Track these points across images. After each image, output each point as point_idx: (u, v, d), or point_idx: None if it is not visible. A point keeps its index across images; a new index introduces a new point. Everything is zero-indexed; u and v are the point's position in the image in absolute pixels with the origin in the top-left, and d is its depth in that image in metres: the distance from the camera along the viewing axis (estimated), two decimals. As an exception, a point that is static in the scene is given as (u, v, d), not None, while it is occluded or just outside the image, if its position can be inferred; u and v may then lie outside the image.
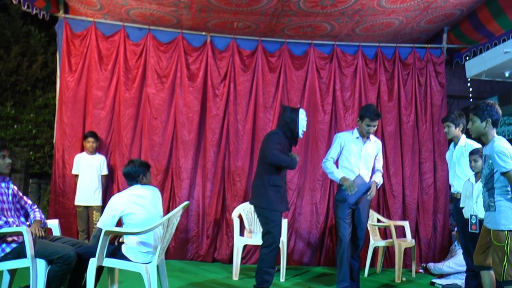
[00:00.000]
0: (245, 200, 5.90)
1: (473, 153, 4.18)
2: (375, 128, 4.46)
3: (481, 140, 3.53)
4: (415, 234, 6.19)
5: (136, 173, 3.74)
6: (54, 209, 5.85)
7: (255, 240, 5.42)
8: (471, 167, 4.22)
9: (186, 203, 3.74)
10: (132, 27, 6.16)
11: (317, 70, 6.38)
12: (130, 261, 3.55)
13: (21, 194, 3.78)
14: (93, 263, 3.42)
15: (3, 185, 3.63)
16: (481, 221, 3.79)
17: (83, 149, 5.85)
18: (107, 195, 5.79)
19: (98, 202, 5.70)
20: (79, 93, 6.00)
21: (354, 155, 4.43)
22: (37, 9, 5.73)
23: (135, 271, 3.52)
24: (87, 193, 5.67)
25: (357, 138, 4.47)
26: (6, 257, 3.46)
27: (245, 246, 5.50)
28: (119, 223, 3.66)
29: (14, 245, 3.49)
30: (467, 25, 6.10)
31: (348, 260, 4.34)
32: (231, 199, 6.04)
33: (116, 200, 3.65)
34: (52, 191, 5.95)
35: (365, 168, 4.45)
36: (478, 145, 4.33)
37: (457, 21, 6.16)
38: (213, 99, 6.19)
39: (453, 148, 4.64)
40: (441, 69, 6.48)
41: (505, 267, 3.21)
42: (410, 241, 5.65)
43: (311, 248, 6.14)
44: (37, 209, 3.78)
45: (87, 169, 5.71)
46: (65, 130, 5.94)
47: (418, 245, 6.13)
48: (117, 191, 5.40)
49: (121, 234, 3.69)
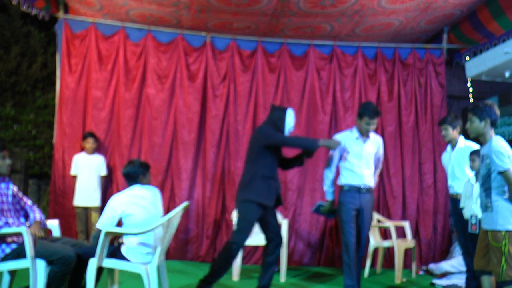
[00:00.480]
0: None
1: (472, 153, 4.20)
2: (375, 127, 4.33)
3: (479, 140, 3.52)
4: (415, 235, 6.19)
5: (136, 173, 3.74)
6: (54, 209, 5.84)
7: (255, 240, 5.42)
8: (471, 167, 4.23)
9: (186, 203, 3.74)
10: (132, 27, 6.16)
11: (317, 70, 6.38)
12: (130, 261, 3.55)
13: (20, 195, 3.78)
14: (93, 264, 3.42)
15: (3, 185, 3.63)
16: (481, 221, 3.78)
17: (82, 149, 5.85)
18: (106, 195, 5.78)
19: (97, 203, 5.69)
20: (79, 94, 6.00)
21: (356, 155, 4.29)
22: (36, 9, 5.72)
23: (135, 271, 3.52)
24: (85, 193, 5.67)
25: (357, 138, 4.32)
26: (6, 258, 3.46)
27: (245, 247, 5.49)
28: (119, 223, 3.66)
29: (14, 245, 3.49)
30: (467, 25, 6.10)
31: (356, 266, 4.18)
32: (231, 199, 6.03)
33: (116, 200, 3.65)
34: (51, 191, 5.94)
35: (367, 168, 4.31)
36: (477, 146, 4.33)
37: (457, 21, 6.16)
38: (213, 99, 6.19)
39: (451, 150, 4.63)
40: (441, 69, 6.48)
41: (504, 267, 3.20)
42: (410, 241, 5.65)
43: (311, 249, 6.14)
44: (37, 210, 3.78)
45: (86, 170, 5.70)
46: (65, 130, 5.94)
47: (418, 245, 6.13)
48: (117, 192, 5.39)
49: (121, 235, 3.68)
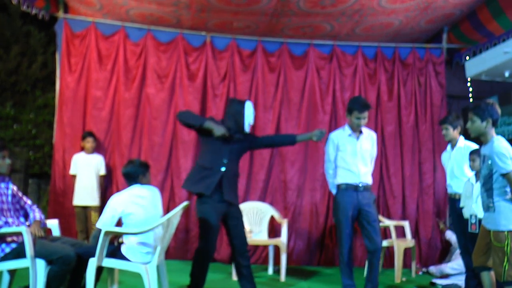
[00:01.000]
0: (244, 200, 5.90)
1: (472, 153, 4.20)
2: (366, 121, 4.17)
3: (480, 139, 3.51)
4: (415, 234, 6.19)
5: (136, 173, 3.73)
6: (54, 209, 5.84)
7: (255, 240, 5.43)
8: (470, 166, 4.24)
9: (186, 203, 3.73)
10: (131, 27, 6.16)
11: (317, 70, 6.38)
12: (129, 261, 3.55)
13: (20, 194, 3.78)
14: (92, 263, 3.42)
15: (2, 185, 3.63)
16: (480, 221, 3.77)
17: (82, 149, 5.84)
18: (106, 195, 5.78)
19: (96, 202, 5.70)
20: (78, 93, 6.00)
21: (350, 153, 4.17)
22: (36, 9, 5.73)
23: (135, 271, 3.52)
24: (85, 193, 5.67)
25: (350, 136, 4.20)
26: (5, 257, 3.46)
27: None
28: (119, 223, 3.66)
29: (13, 245, 3.48)
30: (467, 25, 6.10)
31: (351, 265, 4.15)
32: (230, 199, 6.03)
33: (115, 200, 3.64)
34: (51, 191, 5.95)
35: (363, 165, 4.20)
36: (477, 146, 4.33)
37: (457, 21, 6.16)
38: (213, 99, 6.19)
39: (451, 149, 4.63)
40: (441, 69, 6.48)
41: (506, 267, 3.20)
42: (410, 241, 5.65)
43: (310, 248, 6.14)
44: (36, 209, 3.78)
45: (85, 169, 5.70)
46: (65, 130, 5.95)
47: (418, 245, 6.13)
48: (116, 192, 5.39)
49: (120, 234, 3.68)
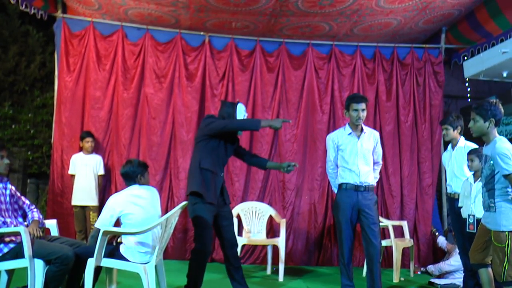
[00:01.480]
0: (243, 200, 5.91)
1: (470, 153, 4.20)
2: (365, 114, 4.06)
3: (481, 139, 3.48)
4: (413, 234, 6.20)
5: (134, 173, 3.73)
6: (52, 209, 5.84)
7: (253, 240, 5.43)
8: (469, 166, 4.23)
9: (184, 203, 3.73)
10: (130, 27, 6.16)
11: (316, 70, 6.38)
12: (128, 261, 3.55)
13: (19, 194, 3.77)
14: (91, 263, 3.41)
15: (0, 185, 3.62)
16: (478, 220, 3.77)
17: (81, 149, 5.84)
18: (104, 195, 5.78)
19: (94, 202, 5.69)
20: (77, 93, 6.00)
21: (351, 153, 4.09)
22: (35, 8, 5.72)
23: (133, 271, 3.52)
24: (83, 193, 5.66)
25: (350, 134, 4.13)
26: (4, 258, 3.45)
27: (243, 246, 5.49)
28: (117, 223, 3.66)
29: (12, 245, 3.48)
30: (465, 25, 6.11)
31: (351, 267, 4.10)
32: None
33: (114, 200, 3.64)
34: (50, 191, 5.94)
35: (364, 165, 4.09)
36: (477, 146, 4.33)
37: (455, 21, 6.17)
38: (212, 99, 6.19)
39: (451, 149, 4.64)
40: (439, 69, 6.49)
41: (506, 267, 3.20)
42: (408, 241, 5.66)
43: (309, 248, 6.14)
44: (35, 209, 3.77)
45: (84, 169, 5.70)
46: (63, 130, 5.94)
47: (417, 245, 6.14)
48: (115, 191, 5.39)
49: (119, 234, 3.68)
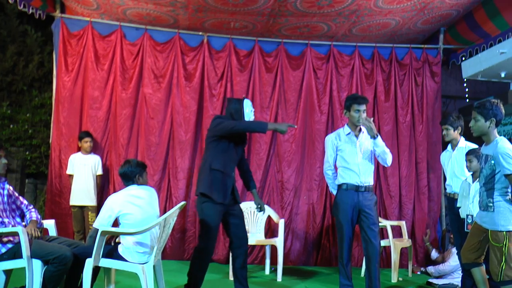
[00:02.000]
0: (242, 200, 5.89)
1: (469, 153, 4.20)
2: (365, 115, 4.04)
3: (480, 139, 3.49)
4: (411, 235, 6.20)
5: (133, 173, 3.73)
6: (50, 209, 5.84)
7: (252, 240, 5.43)
8: (467, 167, 4.23)
9: (182, 203, 3.73)
10: (128, 27, 6.15)
11: (314, 70, 6.38)
12: (126, 261, 3.55)
13: (16, 195, 3.77)
14: (89, 264, 3.41)
15: (-2, 185, 3.62)
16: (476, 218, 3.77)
17: (79, 149, 5.83)
18: (103, 195, 5.78)
19: (93, 202, 5.69)
20: (75, 93, 5.99)
21: (350, 153, 4.06)
22: (33, 8, 5.71)
23: (132, 271, 3.52)
24: (82, 193, 5.65)
25: (348, 135, 4.11)
26: (2, 258, 3.45)
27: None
28: (116, 223, 3.66)
29: (10, 245, 3.48)
30: (463, 25, 6.12)
31: (350, 267, 4.07)
32: (228, 199, 6.02)
33: (112, 200, 3.64)
34: (48, 191, 5.93)
35: (364, 165, 4.06)
36: (477, 147, 4.33)
37: (454, 21, 6.18)
38: (210, 99, 6.19)
39: (451, 149, 4.63)
40: (437, 69, 6.50)
41: (503, 267, 3.21)
42: (406, 241, 5.67)
43: (307, 248, 6.14)
44: (33, 209, 3.77)
45: (82, 169, 5.70)
46: (61, 130, 5.94)
47: (414, 245, 6.14)
48: (113, 191, 5.39)
49: (117, 235, 3.68)
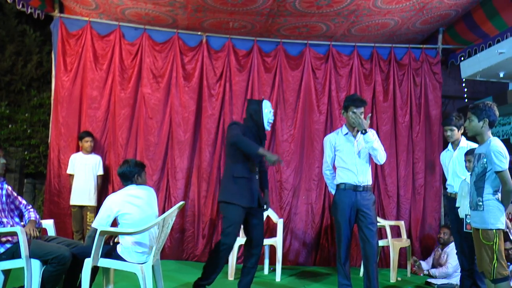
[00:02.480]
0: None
1: (468, 153, 4.19)
2: (363, 116, 4.05)
3: (477, 139, 3.55)
4: (409, 234, 6.21)
5: (131, 173, 3.73)
6: (49, 209, 5.83)
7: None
8: (466, 167, 4.23)
9: (181, 203, 3.73)
10: (127, 26, 6.15)
11: (313, 70, 6.39)
12: (125, 261, 3.55)
13: (15, 194, 3.77)
14: (88, 264, 3.41)
15: (-3, 185, 3.62)
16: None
17: (78, 149, 5.83)
18: (102, 195, 5.77)
19: (93, 202, 5.69)
20: (74, 93, 5.99)
21: (348, 153, 4.08)
22: (32, 8, 5.71)
23: (131, 271, 3.52)
24: (82, 193, 5.65)
25: (346, 135, 4.13)
26: (0, 258, 3.46)
27: (240, 246, 5.48)
28: (114, 223, 3.66)
29: (8, 245, 3.48)
30: (462, 25, 6.13)
31: (348, 266, 4.08)
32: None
33: (111, 200, 3.64)
34: (47, 191, 5.93)
35: (362, 165, 4.08)
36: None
37: (452, 21, 6.19)
38: (209, 99, 6.19)
39: (452, 149, 4.60)
40: (436, 69, 6.50)
41: (495, 265, 3.27)
42: (405, 241, 5.67)
43: (306, 248, 6.15)
44: (31, 209, 3.77)
45: (83, 169, 5.70)
46: (60, 129, 5.93)
47: (412, 245, 6.14)
48: (112, 191, 5.39)
49: (116, 234, 3.68)
